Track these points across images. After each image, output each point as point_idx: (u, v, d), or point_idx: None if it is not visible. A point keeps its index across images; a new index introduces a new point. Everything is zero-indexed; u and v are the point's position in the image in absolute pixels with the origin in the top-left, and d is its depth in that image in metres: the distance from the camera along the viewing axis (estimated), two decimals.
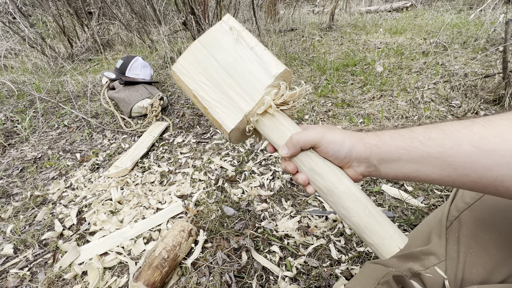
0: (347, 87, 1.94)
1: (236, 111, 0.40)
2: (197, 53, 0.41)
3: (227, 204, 1.02)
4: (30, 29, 3.13)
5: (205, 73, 0.41)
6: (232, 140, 0.43)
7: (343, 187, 0.37)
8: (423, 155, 0.33)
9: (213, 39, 0.41)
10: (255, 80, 0.40)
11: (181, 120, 1.72)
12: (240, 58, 0.40)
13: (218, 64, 0.40)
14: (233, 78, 0.40)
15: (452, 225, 0.46)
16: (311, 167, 0.38)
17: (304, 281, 0.74)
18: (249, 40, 0.41)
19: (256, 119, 0.40)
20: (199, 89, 0.41)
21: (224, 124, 0.40)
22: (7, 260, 0.88)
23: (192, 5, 2.43)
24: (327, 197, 0.38)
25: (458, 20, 3.23)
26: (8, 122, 1.80)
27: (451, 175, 0.32)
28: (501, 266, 0.39)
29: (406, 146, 0.35)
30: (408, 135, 0.35)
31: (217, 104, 0.40)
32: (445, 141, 0.32)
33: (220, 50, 0.41)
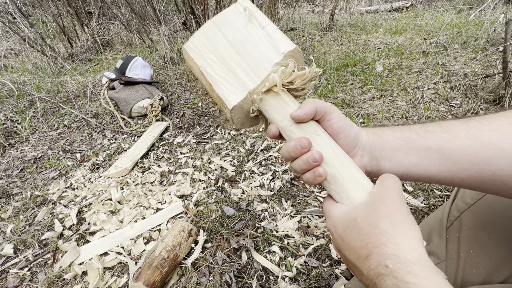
0: (347, 87, 1.94)
1: (240, 88, 0.39)
2: (208, 31, 0.42)
3: (227, 204, 1.02)
4: (30, 29, 3.13)
5: (213, 50, 0.41)
6: (235, 121, 0.41)
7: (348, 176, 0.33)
8: (422, 147, 0.33)
9: (226, 19, 0.42)
10: (262, 57, 0.39)
11: (181, 120, 1.72)
12: (250, 36, 0.40)
13: (227, 41, 0.40)
14: (241, 55, 0.40)
15: (452, 225, 0.46)
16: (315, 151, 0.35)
17: (304, 281, 0.74)
18: (261, 19, 0.41)
19: (261, 97, 0.39)
20: (206, 66, 0.40)
21: (227, 101, 0.39)
22: (7, 260, 0.88)
23: (192, 5, 2.43)
24: (330, 185, 0.34)
25: (458, 20, 3.23)
26: (8, 122, 1.80)
27: (450, 170, 0.32)
28: (502, 267, 0.39)
29: (405, 138, 0.34)
30: (407, 128, 0.35)
31: (222, 80, 0.39)
32: (443, 134, 0.32)
33: (231, 28, 0.41)
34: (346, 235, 0.30)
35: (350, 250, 0.29)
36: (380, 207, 0.29)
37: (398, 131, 0.35)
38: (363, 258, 0.27)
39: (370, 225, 0.28)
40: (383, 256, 0.25)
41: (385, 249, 0.25)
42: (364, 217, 0.29)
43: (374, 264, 0.25)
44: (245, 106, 0.40)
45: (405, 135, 0.35)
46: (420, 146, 0.33)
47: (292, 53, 0.40)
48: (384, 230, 0.26)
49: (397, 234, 0.26)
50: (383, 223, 0.27)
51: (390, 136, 0.35)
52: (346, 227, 0.30)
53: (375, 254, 0.26)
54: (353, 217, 0.30)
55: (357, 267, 0.28)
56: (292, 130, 0.36)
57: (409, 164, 0.34)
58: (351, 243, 0.29)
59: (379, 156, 0.36)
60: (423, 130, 0.34)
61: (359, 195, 0.32)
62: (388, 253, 0.25)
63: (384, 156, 0.35)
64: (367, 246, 0.27)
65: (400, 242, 0.25)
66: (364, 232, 0.28)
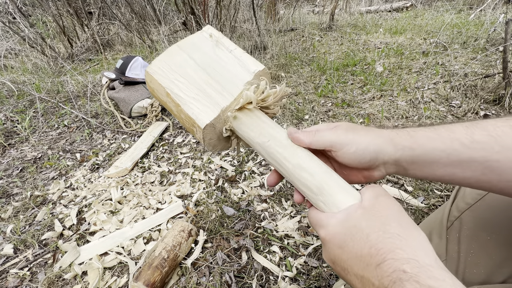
0: (347, 87, 1.94)
1: (212, 107, 0.37)
2: (174, 55, 0.41)
3: (227, 204, 1.02)
4: (30, 29, 3.13)
5: (181, 72, 0.40)
6: (206, 142, 0.40)
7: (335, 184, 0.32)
8: (465, 160, 0.30)
9: (193, 43, 0.41)
10: (234, 77, 0.39)
11: None
12: (219, 59, 0.40)
13: (196, 64, 0.40)
14: (211, 76, 0.39)
15: (453, 225, 0.46)
16: (298, 163, 0.34)
17: (304, 281, 0.74)
18: (228, 44, 0.41)
19: (234, 115, 0.38)
20: (173, 87, 0.39)
21: (198, 119, 0.37)
22: (7, 260, 0.88)
23: (192, 5, 2.43)
24: (317, 197, 0.33)
25: (458, 20, 3.23)
26: (8, 122, 1.80)
27: (491, 181, 0.29)
28: (502, 267, 0.39)
29: (446, 149, 0.30)
30: (447, 135, 0.31)
31: (191, 100, 0.38)
32: (492, 145, 0.29)
33: (199, 52, 0.41)
34: (346, 244, 0.27)
35: (354, 259, 0.26)
36: (383, 212, 0.27)
37: (438, 139, 0.31)
38: (373, 266, 0.24)
39: (377, 230, 0.26)
40: (399, 261, 0.23)
41: (402, 253, 0.23)
42: (368, 223, 0.27)
43: (390, 271, 0.23)
44: (217, 126, 0.39)
45: (447, 146, 0.31)
46: (463, 159, 0.30)
47: (261, 73, 0.40)
48: (396, 234, 0.25)
49: (409, 237, 0.25)
50: (392, 226, 0.25)
51: (427, 147, 0.31)
52: (346, 235, 0.28)
53: (389, 259, 0.24)
54: (352, 224, 0.28)
55: (364, 277, 0.25)
56: (270, 145, 0.35)
57: (445, 173, 0.31)
58: (356, 252, 0.26)
59: (407, 166, 0.33)
60: (468, 139, 0.30)
61: (348, 202, 0.30)
62: (405, 257, 0.23)
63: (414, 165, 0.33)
64: (378, 252, 0.24)
65: (415, 245, 0.24)
66: (372, 238, 0.25)
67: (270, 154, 0.36)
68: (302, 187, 0.34)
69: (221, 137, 0.41)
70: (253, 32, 2.84)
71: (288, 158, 0.34)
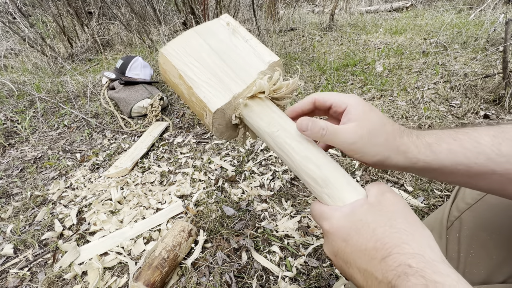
0: (347, 87, 1.94)
1: (224, 92, 0.37)
2: (190, 38, 0.40)
3: (227, 204, 1.02)
4: (30, 29, 3.13)
5: (196, 55, 0.39)
6: (215, 128, 0.39)
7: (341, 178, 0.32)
8: (487, 172, 0.28)
9: (209, 29, 0.41)
10: (248, 65, 0.39)
11: (181, 120, 1.72)
12: (234, 47, 0.40)
13: (211, 49, 0.40)
14: (225, 62, 0.39)
15: (453, 225, 0.46)
16: (306, 155, 0.34)
17: (304, 281, 0.74)
18: (244, 34, 0.41)
19: (245, 102, 0.38)
20: (186, 69, 0.39)
21: (210, 103, 0.37)
22: (7, 260, 0.88)
23: (192, 5, 2.43)
24: (322, 189, 0.32)
25: (458, 20, 3.23)
26: (8, 122, 1.80)
27: (507, 189, 0.29)
28: (502, 267, 0.39)
29: (469, 163, 0.29)
30: (473, 147, 0.29)
31: (204, 84, 0.38)
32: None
33: (215, 38, 0.41)
34: (351, 238, 0.27)
35: (358, 253, 0.26)
36: (389, 208, 0.27)
37: (461, 154, 0.29)
38: (378, 260, 0.24)
39: (384, 225, 0.26)
40: (405, 255, 0.23)
41: (407, 248, 0.23)
42: (374, 218, 0.27)
43: (395, 265, 0.23)
44: (227, 112, 0.39)
45: (470, 160, 0.29)
46: (485, 171, 0.29)
47: (276, 64, 0.40)
48: (403, 229, 0.25)
49: (415, 232, 0.25)
50: (398, 222, 0.25)
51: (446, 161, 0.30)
52: (351, 228, 0.27)
53: (395, 254, 0.24)
54: (358, 218, 0.28)
55: (367, 270, 0.25)
56: (279, 136, 0.35)
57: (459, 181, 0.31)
58: (360, 245, 0.26)
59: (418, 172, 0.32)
60: (495, 151, 0.28)
61: (353, 197, 0.30)
62: (410, 252, 0.23)
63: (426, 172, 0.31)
64: (383, 246, 0.24)
65: (421, 241, 0.24)
66: (378, 232, 0.25)
67: (278, 144, 0.35)
68: (308, 179, 0.33)
69: (229, 125, 0.41)
70: (253, 32, 2.84)
71: (296, 149, 0.34)
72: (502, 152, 0.28)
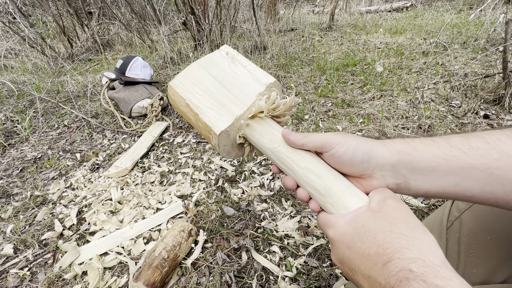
0: (347, 87, 1.94)
1: (227, 115, 0.41)
2: (194, 71, 0.45)
3: (227, 204, 1.02)
4: (30, 29, 3.13)
5: (199, 85, 0.44)
6: (221, 149, 0.42)
7: (342, 185, 0.33)
8: (465, 167, 0.29)
9: (211, 60, 0.46)
10: (247, 88, 0.43)
11: (181, 120, 1.72)
12: (233, 73, 0.44)
13: (213, 78, 0.44)
14: (227, 88, 0.43)
15: (453, 225, 0.46)
16: (306, 166, 0.35)
17: (304, 281, 0.74)
18: (242, 61, 0.46)
19: (247, 123, 0.41)
20: (192, 98, 0.43)
21: (214, 127, 0.40)
22: (7, 260, 0.88)
23: (192, 5, 2.43)
24: (325, 198, 0.34)
25: (458, 20, 3.23)
26: (8, 122, 1.80)
27: (496, 191, 0.29)
28: (502, 267, 0.39)
29: (444, 155, 0.30)
30: (444, 142, 0.31)
31: (208, 110, 0.42)
32: (491, 151, 0.29)
33: (216, 68, 0.45)
34: (354, 244, 0.28)
35: (362, 259, 0.27)
36: (391, 213, 0.27)
37: (435, 146, 0.31)
38: (380, 266, 0.25)
39: (385, 230, 0.26)
40: (406, 260, 0.23)
41: (408, 253, 0.24)
42: (375, 223, 0.27)
43: (396, 270, 0.23)
44: (231, 133, 0.42)
45: (444, 152, 0.30)
46: (463, 166, 0.29)
47: (273, 85, 0.43)
48: (403, 234, 0.25)
49: (416, 237, 0.25)
50: (399, 227, 0.26)
51: (425, 153, 0.31)
52: (354, 235, 0.28)
53: (396, 259, 0.24)
54: (360, 225, 0.28)
55: (371, 276, 0.25)
56: (280, 151, 0.38)
57: (448, 184, 0.30)
58: (363, 251, 0.26)
59: (408, 174, 0.32)
60: (466, 145, 0.30)
61: (356, 204, 0.31)
62: (411, 257, 0.23)
63: (414, 175, 0.32)
64: (384, 252, 0.25)
65: (422, 245, 0.24)
66: (380, 238, 0.26)
67: (280, 159, 0.38)
68: (310, 190, 0.35)
69: (235, 144, 0.44)
70: (253, 32, 2.84)
71: (296, 161, 0.36)
72: (472, 146, 0.29)
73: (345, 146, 0.33)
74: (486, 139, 0.29)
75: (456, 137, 0.31)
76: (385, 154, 0.32)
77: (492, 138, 0.29)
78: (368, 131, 1.39)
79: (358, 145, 0.33)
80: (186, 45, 2.66)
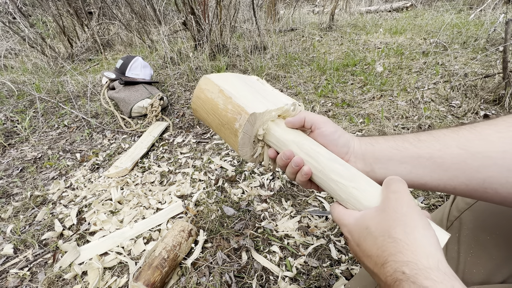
0: (347, 87, 1.94)
1: (260, 104, 0.45)
2: (227, 76, 0.50)
3: (227, 204, 1.02)
4: (30, 29, 3.13)
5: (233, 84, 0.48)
6: (240, 137, 0.44)
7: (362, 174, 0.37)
8: (414, 156, 0.35)
9: (243, 77, 0.52)
10: (276, 97, 0.48)
11: (181, 120, 1.72)
12: (262, 86, 0.51)
13: (245, 83, 0.49)
14: (258, 92, 0.48)
15: (452, 225, 0.46)
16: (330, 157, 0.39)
17: (304, 281, 0.74)
18: (268, 86, 0.52)
19: (274, 119, 0.46)
20: (227, 86, 0.46)
21: (248, 107, 0.42)
22: (7, 260, 0.88)
23: (192, 5, 2.43)
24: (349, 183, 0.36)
25: (458, 20, 3.23)
26: (8, 122, 1.80)
27: (442, 178, 0.33)
28: (502, 267, 0.39)
29: (397, 147, 0.36)
30: (400, 138, 0.37)
31: (242, 97, 0.44)
32: (434, 143, 0.34)
33: (247, 79, 0.51)
34: (361, 243, 0.31)
35: (367, 258, 0.30)
36: (391, 215, 0.29)
37: (392, 140, 0.37)
38: (380, 266, 0.27)
39: (383, 234, 0.28)
40: (399, 263, 0.26)
41: (402, 257, 0.26)
42: (377, 226, 0.30)
43: (391, 271, 0.26)
44: (256, 124, 0.45)
45: (398, 144, 0.36)
46: (412, 155, 0.35)
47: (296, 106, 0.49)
48: (399, 239, 0.27)
49: (412, 242, 0.26)
50: (396, 231, 0.28)
51: (384, 145, 0.37)
52: (360, 235, 0.31)
53: (391, 261, 0.26)
54: (364, 226, 0.31)
55: (375, 273, 0.29)
56: (305, 143, 0.42)
57: (403, 171, 0.35)
58: (367, 251, 0.30)
59: (373, 163, 0.38)
60: (415, 139, 0.36)
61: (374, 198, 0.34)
62: (404, 260, 0.25)
63: (377, 163, 0.37)
64: (382, 254, 0.27)
65: (416, 250, 0.26)
66: (379, 241, 0.28)
67: (305, 150, 0.41)
68: (334, 176, 0.38)
69: (252, 139, 0.47)
70: (253, 32, 2.84)
71: (322, 153, 0.40)
72: (420, 139, 0.35)
73: (333, 128, 0.40)
74: (432, 134, 0.35)
75: (410, 134, 0.37)
76: (357, 144, 0.39)
77: (438, 133, 0.35)
78: (368, 131, 1.39)
79: (342, 133, 0.40)
80: (186, 45, 2.66)
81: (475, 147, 0.31)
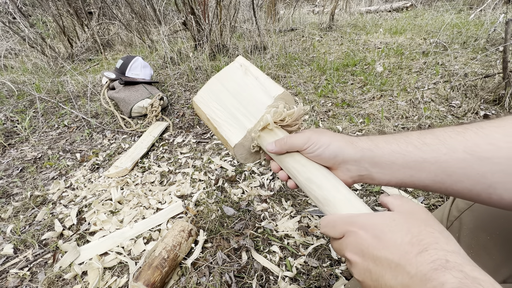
0: (347, 87, 1.94)
1: (240, 128, 0.46)
2: (212, 86, 0.51)
3: (227, 204, 1.02)
4: (30, 29, 3.13)
5: (217, 99, 0.50)
6: (238, 157, 0.48)
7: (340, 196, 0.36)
8: (418, 160, 0.34)
9: (227, 74, 0.51)
10: (257, 102, 0.46)
11: (181, 120, 1.72)
12: (246, 86, 0.48)
13: (228, 92, 0.49)
14: (239, 101, 0.48)
15: (452, 225, 0.46)
16: (308, 177, 0.39)
17: (304, 281, 0.74)
18: (254, 72, 0.49)
19: (258, 134, 0.45)
20: (211, 113, 0.49)
21: (230, 140, 0.46)
22: (7, 260, 0.88)
23: (192, 5, 2.43)
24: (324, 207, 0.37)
25: (458, 20, 3.23)
26: (8, 122, 1.80)
27: (445, 182, 0.32)
28: (502, 267, 0.39)
29: (401, 151, 0.35)
30: (403, 139, 0.35)
31: (224, 123, 0.47)
32: (440, 147, 0.33)
33: (230, 81, 0.50)
34: (384, 234, 0.28)
35: (392, 248, 0.27)
36: (422, 215, 0.29)
37: (394, 143, 0.36)
38: (413, 254, 0.25)
39: (419, 225, 0.27)
40: (443, 251, 0.24)
41: (445, 246, 0.25)
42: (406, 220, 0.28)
43: (432, 259, 0.24)
44: (246, 144, 0.47)
45: (401, 148, 0.35)
46: (417, 159, 0.34)
47: (282, 96, 0.47)
48: (438, 231, 0.26)
49: (450, 237, 0.26)
50: (430, 223, 0.27)
51: (385, 149, 0.36)
52: (384, 226, 0.28)
53: (432, 249, 0.25)
54: (391, 218, 0.29)
55: (400, 265, 0.25)
56: (286, 161, 0.42)
57: (404, 175, 0.35)
58: (395, 240, 0.27)
59: (370, 167, 0.37)
60: (420, 142, 0.34)
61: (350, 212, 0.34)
62: (448, 249, 0.24)
63: (376, 167, 0.36)
64: (420, 243, 0.25)
65: (456, 245, 0.25)
66: (414, 230, 0.27)
67: (286, 168, 0.42)
68: (312, 197, 0.39)
69: (250, 152, 0.49)
70: (253, 32, 2.84)
71: (300, 172, 0.40)
72: (426, 143, 0.34)
73: (317, 146, 0.38)
74: (438, 136, 0.34)
75: (414, 135, 0.35)
76: (350, 152, 0.37)
77: (444, 135, 0.33)
78: (368, 131, 1.39)
79: (328, 144, 0.38)
80: (186, 45, 2.66)
81: (482, 152, 0.30)
